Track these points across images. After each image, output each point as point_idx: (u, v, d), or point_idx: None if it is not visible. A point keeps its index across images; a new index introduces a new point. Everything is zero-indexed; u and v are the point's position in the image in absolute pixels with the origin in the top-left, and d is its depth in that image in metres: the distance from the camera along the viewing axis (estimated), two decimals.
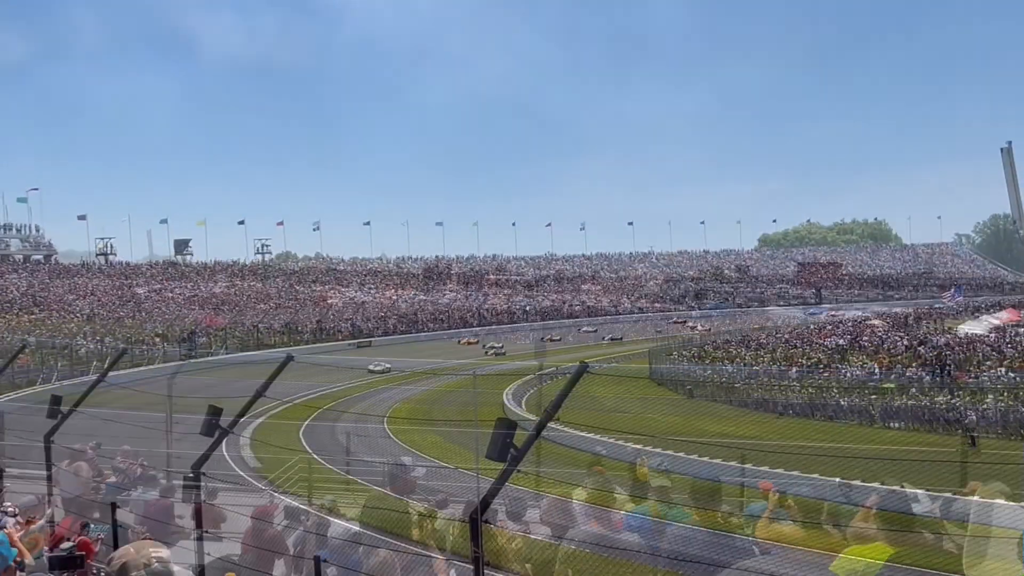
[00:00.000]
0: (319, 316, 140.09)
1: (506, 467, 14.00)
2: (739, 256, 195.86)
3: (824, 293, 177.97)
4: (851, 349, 75.40)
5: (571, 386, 14.51)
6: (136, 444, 52.88)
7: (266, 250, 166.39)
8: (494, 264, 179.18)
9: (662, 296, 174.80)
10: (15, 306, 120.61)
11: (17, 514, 20.92)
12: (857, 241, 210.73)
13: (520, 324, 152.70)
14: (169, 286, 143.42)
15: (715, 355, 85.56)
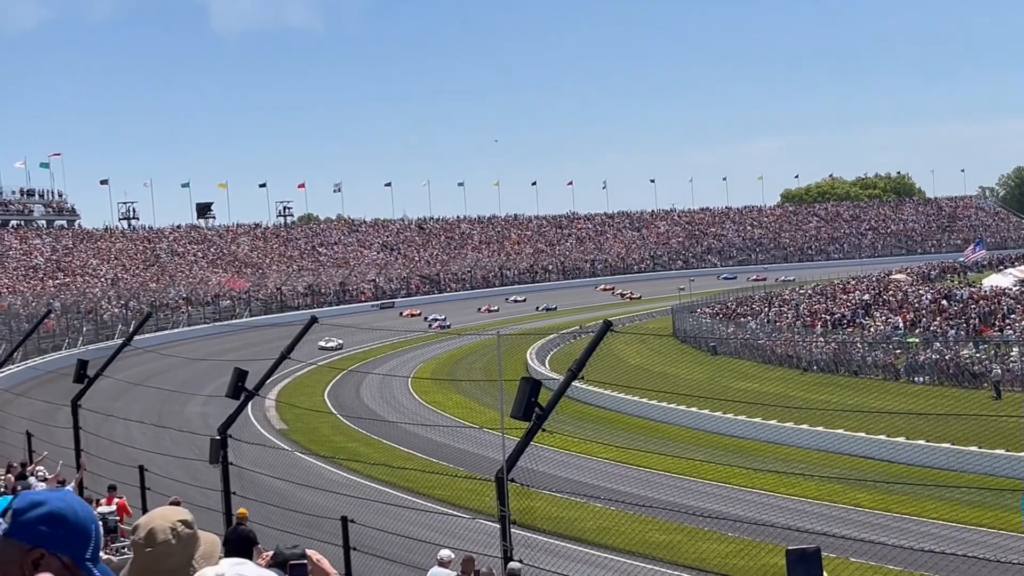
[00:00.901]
0: (342, 278, 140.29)
1: (531, 426, 14.07)
2: (762, 212, 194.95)
3: (846, 247, 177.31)
4: (875, 304, 75.10)
5: (595, 344, 14.55)
6: (162, 405, 53.27)
7: (288, 212, 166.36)
8: (515, 223, 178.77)
9: (684, 253, 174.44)
10: (40, 271, 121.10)
11: (48, 478, 21.10)
12: (880, 195, 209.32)
13: (544, 283, 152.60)
14: (192, 249, 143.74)
15: (739, 312, 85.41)
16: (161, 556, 3.78)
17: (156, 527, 3.83)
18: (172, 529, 3.80)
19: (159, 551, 3.78)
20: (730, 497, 33.27)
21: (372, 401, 62.08)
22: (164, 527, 3.81)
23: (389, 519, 21.23)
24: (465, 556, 15.70)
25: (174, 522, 3.84)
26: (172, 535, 3.79)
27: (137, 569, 3.88)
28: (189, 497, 20.29)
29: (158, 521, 3.87)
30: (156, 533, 3.81)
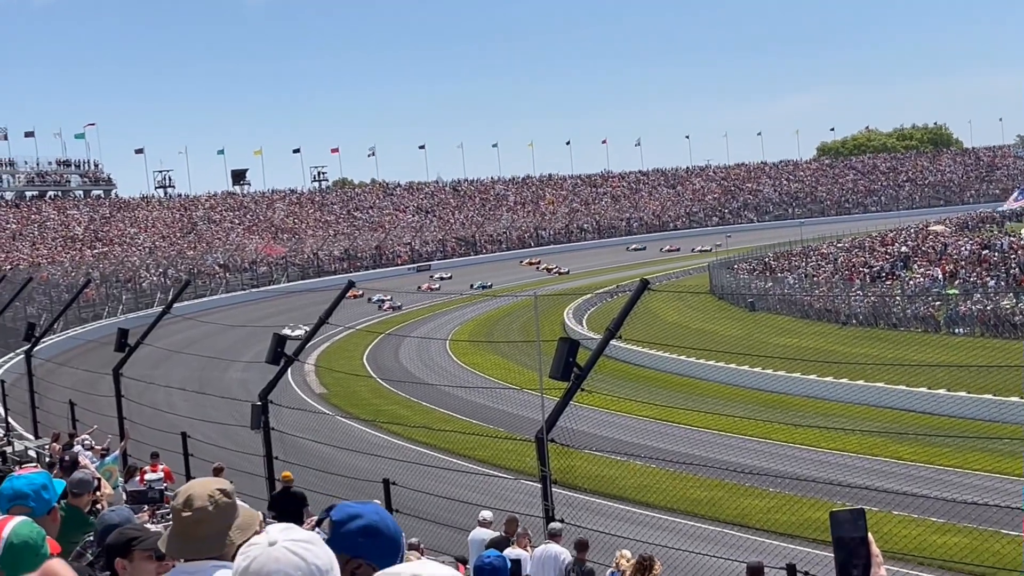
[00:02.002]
0: (377, 241, 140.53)
1: (570, 386, 14.09)
2: (798, 167, 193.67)
3: (883, 199, 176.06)
4: (914, 256, 74.60)
5: (632, 303, 14.52)
6: (203, 372, 53.65)
7: (322, 177, 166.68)
8: (550, 183, 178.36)
9: (720, 209, 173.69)
10: (78, 241, 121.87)
11: (94, 446, 21.30)
12: (917, 147, 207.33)
13: (578, 243, 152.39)
14: (228, 216, 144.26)
15: (777, 266, 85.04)
16: (198, 522, 3.82)
17: (195, 493, 3.88)
18: (210, 496, 3.84)
19: (196, 517, 3.82)
20: (771, 452, 33.22)
21: (411, 364, 62.28)
22: (203, 494, 3.86)
23: (430, 481, 21.34)
24: (508, 517, 15.75)
25: (213, 490, 3.88)
26: (210, 502, 3.83)
27: (175, 535, 3.92)
28: (231, 463, 20.46)
29: (197, 488, 3.92)
30: (194, 499, 3.85)
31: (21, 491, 5.51)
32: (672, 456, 27.38)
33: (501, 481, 23.89)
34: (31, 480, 5.67)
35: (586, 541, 14.68)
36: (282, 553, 2.45)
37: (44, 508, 5.52)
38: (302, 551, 2.47)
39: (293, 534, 2.53)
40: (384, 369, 58.12)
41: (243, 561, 2.49)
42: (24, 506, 5.37)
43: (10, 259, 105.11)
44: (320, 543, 2.54)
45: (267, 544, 2.48)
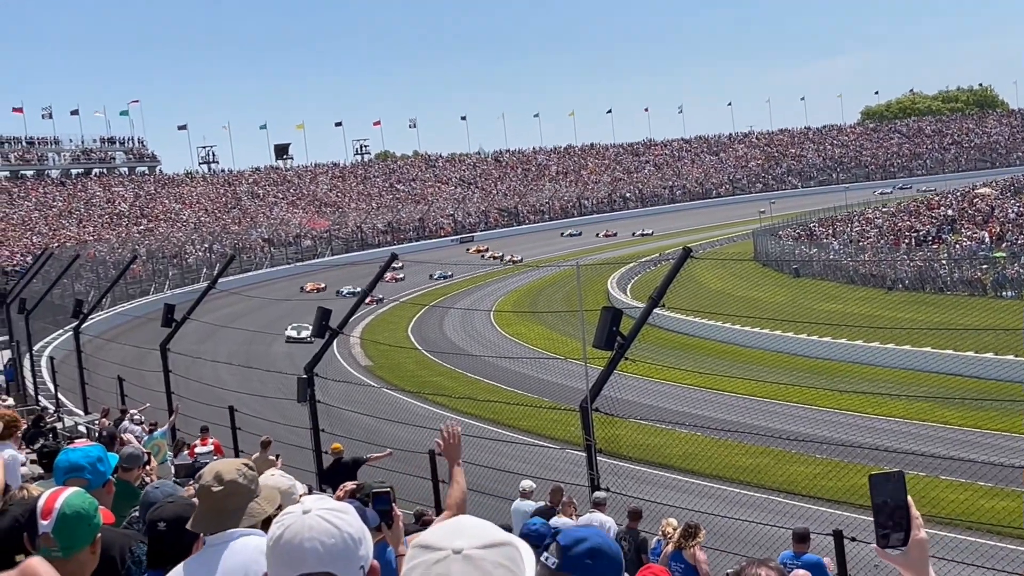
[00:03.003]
0: (420, 214, 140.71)
1: (613, 355, 14.09)
2: (842, 131, 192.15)
3: (929, 163, 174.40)
4: (960, 219, 73.92)
5: (675, 271, 14.51)
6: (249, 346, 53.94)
7: (365, 150, 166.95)
8: (591, 152, 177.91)
9: (763, 176, 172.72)
10: (124, 218, 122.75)
11: (143, 421, 21.53)
12: (962, 109, 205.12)
13: (621, 212, 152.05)
14: (272, 191, 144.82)
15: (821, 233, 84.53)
16: (229, 495, 3.93)
17: (222, 469, 4.00)
18: (238, 470, 3.97)
19: (228, 490, 3.94)
20: (816, 419, 33.09)
21: (455, 335, 62.43)
22: (230, 468, 3.99)
23: (475, 451, 21.40)
24: (553, 486, 15.80)
25: (239, 465, 4.01)
26: (239, 475, 3.95)
27: (204, 512, 4.02)
28: (278, 435, 20.62)
29: (223, 465, 4.05)
30: (223, 474, 3.97)
31: (77, 463, 5.60)
32: (717, 424, 27.32)
33: (546, 451, 23.93)
34: (87, 453, 5.76)
35: (639, 510, 14.73)
36: (316, 521, 2.51)
37: (100, 480, 5.60)
38: (335, 519, 2.52)
39: (327, 503, 2.59)
40: (429, 341, 58.30)
41: (277, 529, 2.55)
42: (80, 478, 5.46)
43: (57, 237, 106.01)
44: (353, 512, 2.59)
45: (301, 513, 2.53)
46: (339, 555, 2.49)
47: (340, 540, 2.49)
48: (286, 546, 2.50)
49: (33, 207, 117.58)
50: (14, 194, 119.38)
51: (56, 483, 5.31)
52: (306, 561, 2.48)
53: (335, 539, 2.49)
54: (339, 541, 2.49)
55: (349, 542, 2.51)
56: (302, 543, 2.48)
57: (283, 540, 2.51)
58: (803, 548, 12.64)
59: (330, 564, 2.48)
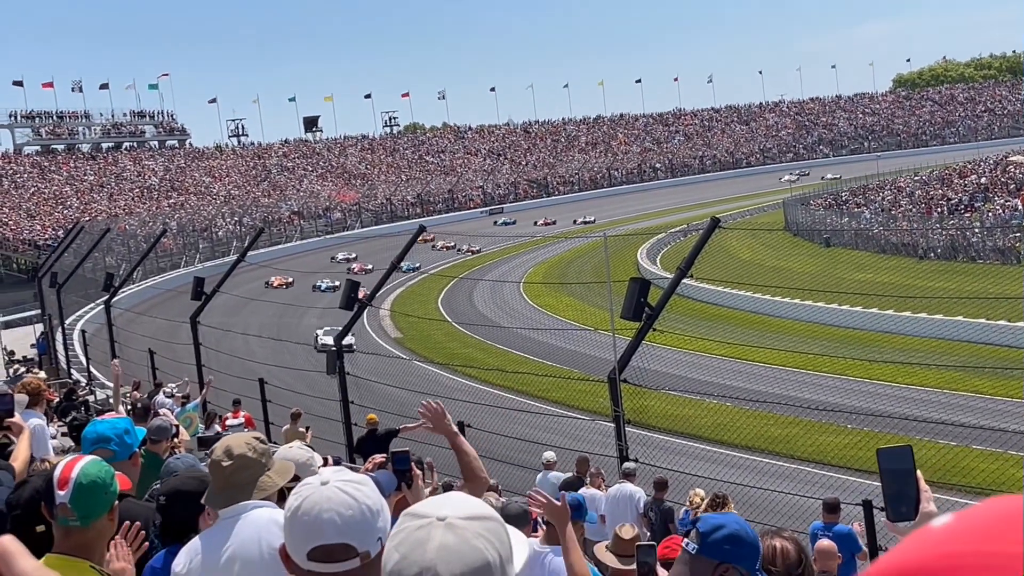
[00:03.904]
0: (450, 185, 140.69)
1: (641, 326, 14.07)
2: (873, 99, 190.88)
3: (961, 130, 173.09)
4: (993, 187, 73.36)
5: (703, 242, 14.46)
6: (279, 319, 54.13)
7: (394, 122, 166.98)
8: (621, 123, 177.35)
9: (794, 145, 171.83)
10: (154, 192, 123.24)
11: (175, 394, 21.63)
12: (995, 76, 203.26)
13: (651, 183, 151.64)
14: (301, 164, 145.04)
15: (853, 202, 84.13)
16: (240, 469, 3.96)
17: (232, 444, 4.02)
18: (247, 443, 3.99)
19: (238, 464, 3.96)
20: (847, 389, 33.00)
21: (485, 307, 62.47)
22: (240, 443, 4.01)
23: (505, 423, 21.43)
24: (580, 456, 15.81)
25: (249, 439, 4.04)
26: (249, 449, 3.97)
27: (216, 487, 4.05)
28: (308, 408, 20.72)
29: (233, 440, 4.07)
30: (233, 448, 3.99)
31: (104, 435, 5.63)
32: (747, 394, 27.28)
33: (575, 422, 23.97)
34: (114, 425, 5.79)
35: (665, 480, 14.72)
36: (333, 492, 2.50)
37: (126, 452, 5.63)
38: (353, 491, 2.52)
39: (344, 475, 2.59)
40: (458, 313, 58.37)
41: (295, 500, 2.55)
42: (107, 449, 5.49)
43: (88, 211, 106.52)
44: (371, 484, 2.59)
45: (319, 484, 2.53)
46: (356, 526, 2.48)
47: (358, 511, 2.49)
48: (304, 517, 2.50)
49: (64, 181, 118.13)
50: (45, 168, 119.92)
51: (84, 455, 5.35)
52: (324, 532, 2.48)
53: (353, 510, 2.49)
54: (357, 512, 2.49)
55: (367, 513, 2.50)
56: (320, 514, 2.48)
57: (301, 511, 2.51)
58: (834, 518, 12.60)
59: (347, 535, 2.48)
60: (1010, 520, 0.89)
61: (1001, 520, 0.91)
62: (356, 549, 2.49)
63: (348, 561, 2.49)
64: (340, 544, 2.48)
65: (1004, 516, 0.91)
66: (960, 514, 0.98)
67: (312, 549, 2.50)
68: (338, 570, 2.49)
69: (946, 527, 0.94)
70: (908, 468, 3.40)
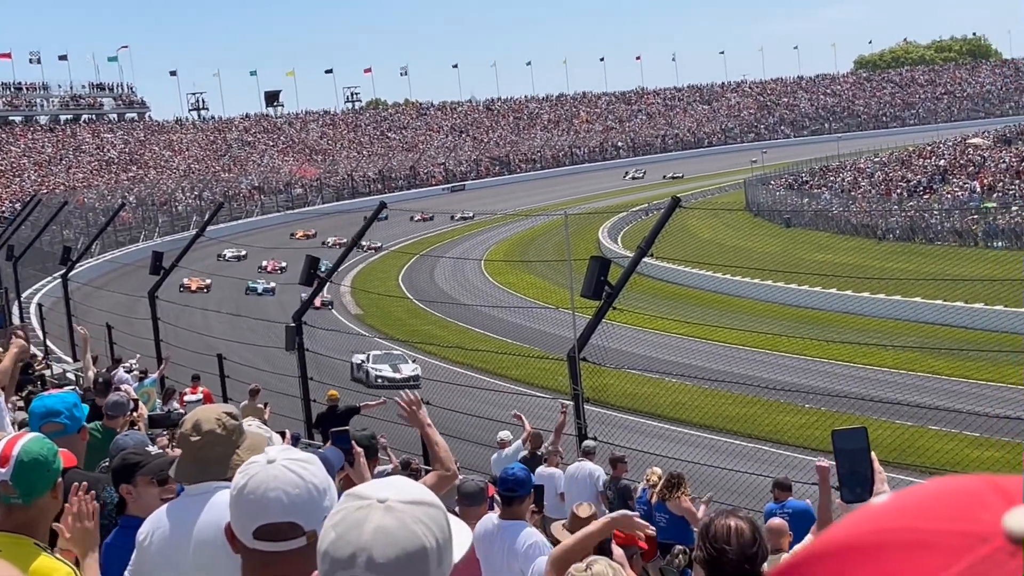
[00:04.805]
0: (412, 162, 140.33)
1: (601, 304, 14.06)
2: (835, 81, 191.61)
3: (921, 112, 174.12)
4: (952, 170, 73.85)
5: (664, 221, 14.45)
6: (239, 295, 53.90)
7: (356, 98, 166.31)
8: (584, 101, 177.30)
9: (756, 125, 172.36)
10: (113, 165, 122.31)
11: (133, 369, 21.48)
12: (956, 58, 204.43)
13: (614, 161, 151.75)
14: (262, 138, 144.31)
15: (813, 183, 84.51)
16: (207, 445, 3.88)
17: (202, 418, 3.94)
18: (217, 419, 3.91)
19: (205, 440, 3.88)
20: (806, 369, 33.16)
21: (446, 284, 62.43)
22: (210, 418, 3.92)
23: (465, 400, 21.43)
24: (532, 432, 15.80)
25: (220, 414, 3.95)
26: (218, 425, 3.89)
27: (184, 460, 3.98)
28: (267, 384, 20.62)
29: (203, 414, 3.99)
30: (202, 423, 3.91)
31: (54, 408, 5.57)
32: (706, 373, 27.36)
33: (535, 400, 23.95)
34: (63, 398, 5.73)
35: (622, 456, 14.75)
36: (280, 471, 2.48)
37: (75, 426, 5.58)
38: (300, 470, 2.49)
39: (292, 454, 2.56)
40: (419, 290, 58.31)
41: (241, 479, 2.52)
42: (57, 423, 5.44)
43: (46, 183, 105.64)
44: (318, 463, 2.56)
45: (266, 462, 2.50)
46: (303, 505, 2.46)
47: (304, 490, 2.46)
48: (250, 495, 2.47)
49: (21, 153, 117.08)
50: (2, 140, 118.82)
51: (32, 428, 5.29)
52: (269, 511, 2.45)
53: (299, 489, 2.46)
54: (303, 491, 2.46)
55: (314, 492, 2.48)
56: (266, 493, 2.45)
57: (247, 489, 2.48)
58: (786, 496, 12.67)
59: (294, 514, 2.45)
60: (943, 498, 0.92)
61: (935, 498, 0.93)
62: (303, 528, 2.46)
63: (294, 540, 2.47)
64: (286, 523, 2.45)
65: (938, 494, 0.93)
66: (898, 493, 1.00)
67: (258, 528, 2.47)
68: (284, 549, 2.47)
69: (882, 505, 0.97)
70: (863, 449, 3.42)
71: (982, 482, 0.91)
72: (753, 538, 4.26)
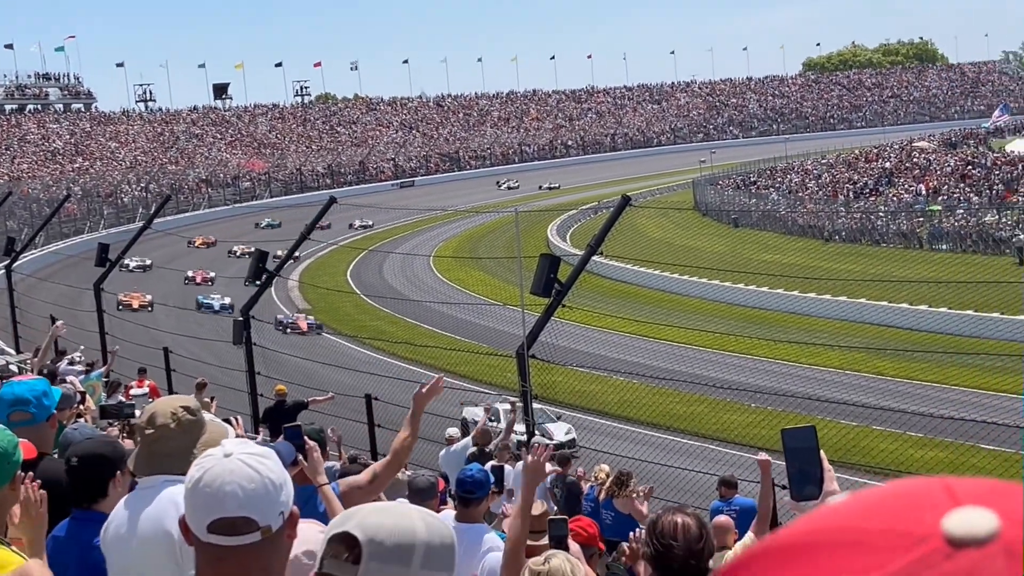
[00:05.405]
0: (361, 157, 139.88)
1: (551, 302, 14.07)
2: (783, 82, 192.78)
3: (868, 115, 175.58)
4: (898, 172, 74.58)
5: (614, 219, 14.48)
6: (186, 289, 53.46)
7: (305, 92, 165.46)
8: (534, 98, 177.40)
9: (705, 125, 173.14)
10: (59, 156, 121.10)
11: (77, 362, 21.27)
12: (902, 62, 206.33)
13: (564, 160, 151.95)
14: (210, 131, 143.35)
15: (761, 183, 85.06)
16: (161, 439, 3.85)
17: (157, 411, 3.90)
18: (173, 414, 3.86)
19: (159, 434, 3.85)
20: (752, 368, 33.37)
21: (395, 280, 62.29)
22: (165, 411, 3.88)
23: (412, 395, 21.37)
24: (481, 429, 15.81)
25: (176, 407, 3.90)
26: (172, 419, 3.85)
27: (140, 453, 3.94)
28: (214, 378, 20.50)
29: (160, 406, 3.95)
30: (156, 416, 3.87)
31: (22, 396, 5.47)
32: (654, 371, 27.44)
33: (484, 396, 23.96)
34: (32, 386, 5.63)
35: (568, 455, 14.78)
36: (237, 465, 2.46)
37: (44, 414, 5.49)
38: (256, 464, 2.47)
39: (248, 448, 2.54)
40: (368, 285, 58.14)
41: (197, 472, 2.50)
42: (25, 412, 5.34)
43: None
44: (275, 458, 2.54)
45: (222, 456, 2.48)
46: (259, 500, 2.44)
47: (260, 485, 2.44)
48: (205, 489, 2.45)
49: None
50: None
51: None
52: (225, 505, 2.43)
53: (256, 484, 2.44)
54: (259, 486, 2.44)
55: (270, 487, 2.46)
56: (222, 486, 2.43)
57: (202, 483, 2.46)
58: (732, 494, 12.74)
59: (249, 509, 2.43)
60: (892, 499, 0.92)
61: (884, 499, 0.93)
62: (257, 523, 2.44)
63: (249, 535, 2.44)
64: (241, 517, 2.43)
65: (889, 495, 0.94)
66: (856, 493, 1.00)
67: (212, 522, 2.44)
68: (238, 543, 2.45)
69: (836, 505, 0.97)
70: (812, 447, 3.45)
71: (936, 484, 0.92)
72: (700, 534, 4.29)
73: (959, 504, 0.90)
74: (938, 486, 0.94)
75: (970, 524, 0.88)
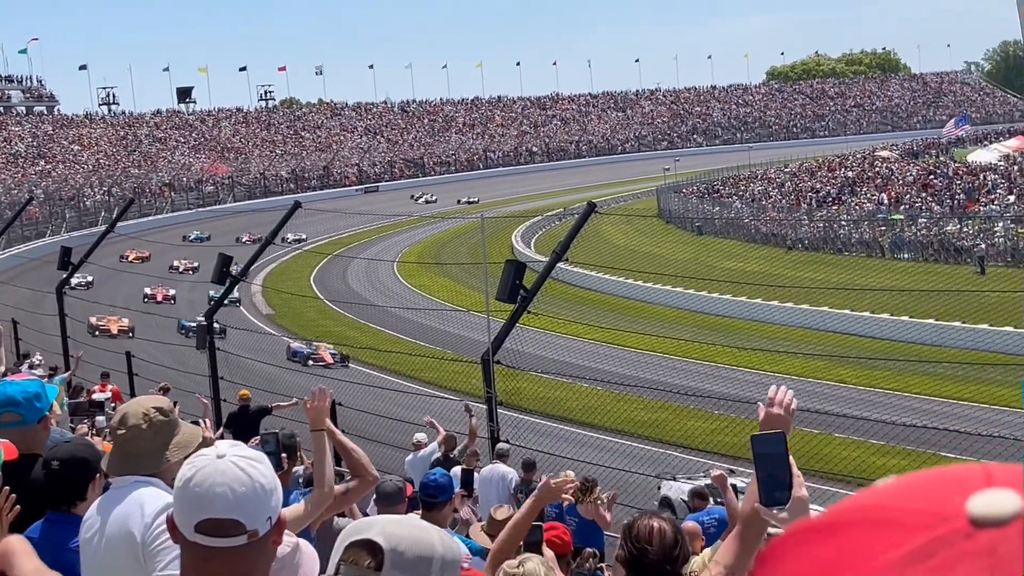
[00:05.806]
0: (325, 162, 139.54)
1: (516, 308, 14.13)
2: (747, 91, 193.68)
3: (831, 124, 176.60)
4: (860, 181, 75.08)
5: (579, 226, 14.55)
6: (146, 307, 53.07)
7: (269, 96, 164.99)
8: (499, 105, 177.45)
9: (669, 133, 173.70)
10: (20, 159, 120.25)
11: (37, 365, 21.14)
12: (866, 72, 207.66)
13: (527, 166, 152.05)
14: (174, 135, 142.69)
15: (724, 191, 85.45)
16: (132, 440, 3.86)
17: (129, 412, 3.91)
18: (145, 415, 3.87)
19: (130, 435, 3.86)
20: (715, 375, 33.47)
21: (359, 285, 62.14)
22: (137, 412, 3.89)
23: (376, 402, 21.39)
24: (445, 435, 15.84)
25: (148, 408, 3.91)
26: (144, 420, 3.86)
27: (113, 453, 3.96)
28: (177, 383, 20.42)
29: (133, 407, 3.96)
30: (128, 417, 3.88)
31: (12, 398, 5.42)
32: (617, 378, 27.56)
33: (448, 403, 23.96)
34: (24, 388, 5.57)
35: (534, 461, 14.81)
36: (228, 467, 2.48)
37: (35, 416, 5.44)
38: (248, 467, 2.49)
39: (241, 450, 2.56)
40: (331, 290, 57.97)
41: (188, 471, 2.52)
42: (15, 413, 5.30)
43: None
44: (266, 462, 2.57)
45: (215, 457, 2.51)
46: (248, 504, 2.46)
47: (251, 489, 2.47)
48: (195, 488, 2.47)
49: None
50: None
51: None
52: (214, 506, 2.45)
53: (246, 487, 2.46)
54: (249, 490, 2.46)
55: (260, 492, 2.48)
56: (212, 487, 2.45)
57: (193, 483, 2.48)
58: (704, 504, 12.82)
59: (238, 511, 2.45)
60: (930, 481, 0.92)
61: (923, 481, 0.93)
62: (245, 526, 2.46)
63: (236, 537, 2.46)
64: (229, 519, 2.45)
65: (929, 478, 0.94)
66: (901, 476, 1.01)
67: (200, 522, 2.47)
68: (224, 545, 2.47)
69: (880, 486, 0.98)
70: (781, 453, 3.49)
71: (977, 469, 0.94)
72: (675, 539, 4.32)
73: (991, 487, 0.91)
74: (979, 471, 0.94)
75: (993, 505, 0.88)
